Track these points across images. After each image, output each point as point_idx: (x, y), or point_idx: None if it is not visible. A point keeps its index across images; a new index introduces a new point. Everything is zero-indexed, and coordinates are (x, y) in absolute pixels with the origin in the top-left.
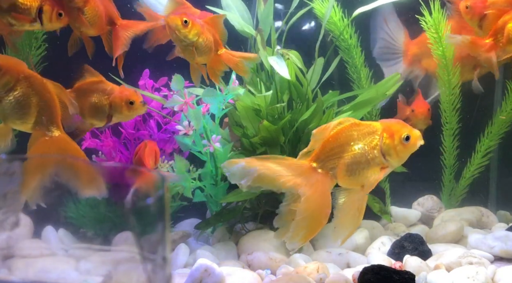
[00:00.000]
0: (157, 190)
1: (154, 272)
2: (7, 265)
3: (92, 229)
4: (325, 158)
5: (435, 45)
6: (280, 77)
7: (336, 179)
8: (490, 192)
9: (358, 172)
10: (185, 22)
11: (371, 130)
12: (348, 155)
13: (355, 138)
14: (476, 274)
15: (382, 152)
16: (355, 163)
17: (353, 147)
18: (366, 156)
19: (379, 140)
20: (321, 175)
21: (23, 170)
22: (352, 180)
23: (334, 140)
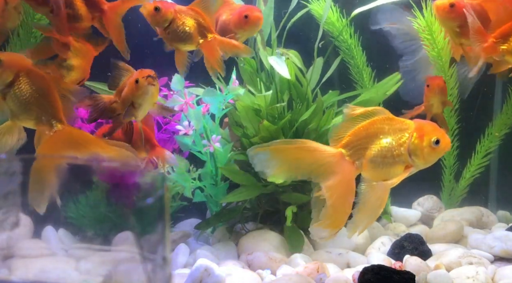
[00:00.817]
0: (157, 190)
1: (154, 272)
2: (7, 265)
3: (92, 229)
4: (354, 146)
5: (430, 47)
6: (280, 77)
7: (360, 169)
8: (490, 192)
9: (382, 165)
10: (156, 9)
11: (403, 127)
12: (376, 147)
13: (385, 132)
14: (476, 274)
15: (409, 151)
16: (381, 156)
17: (382, 139)
18: (392, 151)
19: (408, 138)
20: (348, 162)
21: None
22: (375, 172)
23: (365, 130)
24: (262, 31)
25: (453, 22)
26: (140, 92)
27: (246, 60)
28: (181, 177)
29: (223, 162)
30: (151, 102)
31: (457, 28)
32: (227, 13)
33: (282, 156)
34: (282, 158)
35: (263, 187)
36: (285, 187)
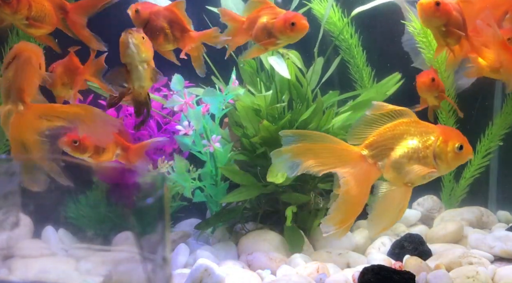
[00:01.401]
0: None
1: (154, 272)
2: (7, 265)
3: (92, 229)
4: (377, 147)
5: (426, 50)
6: (280, 77)
7: (382, 171)
8: (490, 192)
9: (406, 169)
10: (136, 11)
11: (428, 131)
12: (401, 148)
13: (412, 134)
14: (476, 274)
15: (434, 154)
16: (406, 158)
17: (408, 141)
18: (418, 153)
19: (434, 141)
20: (369, 164)
21: None
22: (398, 174)
23: (390, 131)
24: None
25: (439, 22)
26: (124, 48)
27: (246, 60)
28: (181, 177)
29: (223, 162)
30: (139, 59)
31: (443, 28)
32: (269, 16)
33: (304, 156)
34: (305, 158)
35: (263, 187)
36: (285, 187)
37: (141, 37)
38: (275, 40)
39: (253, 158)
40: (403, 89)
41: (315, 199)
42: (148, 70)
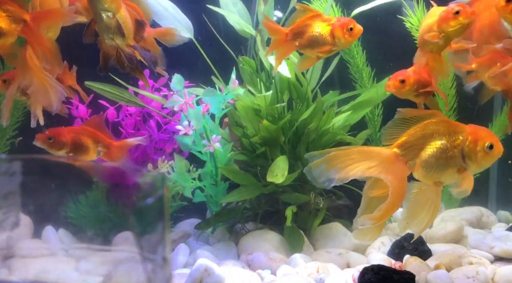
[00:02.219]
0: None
1: (154, 272)
2: (7, 265)
3: (92, 229)
4: (408, 147)
5: None
6: (280, 77)
7: (413, 169)
8: (490, 192)
9: (435, 167)
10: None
11: (458, 130)
12: (430, 147)
13: (440, 133)
14: (476, 274)
15: (462, 154)
16: (434, 157)
17: (436, 141)
18: (446, 153)
19: (462, 141)
20: (402, 162)
21: None
22: (427, 174)
23: (421, 131)
24: (262, 31)
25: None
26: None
27: (246, 60)
28: (181, 177)
29: (223, 162)
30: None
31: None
32: (321, 24)
33: (339, 163)
34: (340, 165)
35: (263, 187)
36: (285, 187)
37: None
38: (331, 47)
39: (253, 158)
40: None
41: (315, 199)
42: (114, 20)
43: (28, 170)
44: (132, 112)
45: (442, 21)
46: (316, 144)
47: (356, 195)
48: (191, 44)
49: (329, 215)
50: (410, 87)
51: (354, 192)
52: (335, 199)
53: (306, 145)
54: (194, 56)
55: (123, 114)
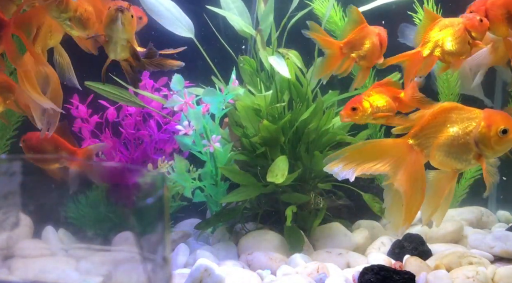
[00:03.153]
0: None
1: (154, 272)
2: (7, 265)
3: (92, 229)
4: (422, 136)
5: None
6: (280, 77)
7: (429, 158)
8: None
9: (450, 154)
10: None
11: (471, 116)
12: (443, 136)
13: (453, 121)
14: (476, 274)
15: (475, 140)
16: (447, 145)
17: (449, 129)
18: (458, 140)
19: (475, 127)
20: (416, 152)
21: None
22: (443, 161)
23: (433, 119)
24: (262, 31)
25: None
26: (107, 21)
27: (246, 60)
28: (181, 177)
29: (223, 162)
30: (121, 36)
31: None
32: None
33: (355, 161)
34: (356, 162)
35: (263, 187)
36: (285, 187)
37: (130, 17)
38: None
39: (253, 158)
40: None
41: (315, 199)
42: (127, 47)
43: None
44: (132, 112)
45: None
46: (316, 144)
47: (356, 195)
48: (191, 44)
49: (329, 215)
50: (363, 114)
51: (354, 192)
52: (335, 199)
53: (306, 145)
54: (194, 56)
55: (123, 114)
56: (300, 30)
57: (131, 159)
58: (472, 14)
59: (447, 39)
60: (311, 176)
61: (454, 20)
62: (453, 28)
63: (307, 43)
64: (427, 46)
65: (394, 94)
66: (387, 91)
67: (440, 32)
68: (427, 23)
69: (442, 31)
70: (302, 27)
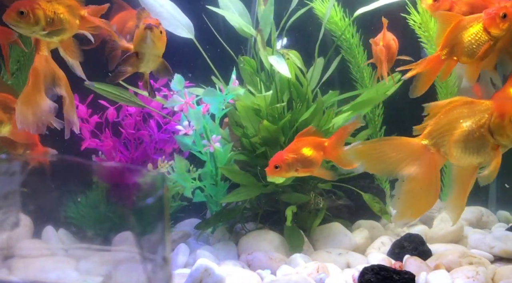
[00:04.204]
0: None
1: (154, 272)
2: (7, 265)
3: (92, 229)
4: (437, 135)
5: (428, 44)
6: (280, 77)
7: (447, 156)
8: (490, 192)
9: (467, 150)
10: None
11: (482, 109)
12: (457, 132)
13: (465, 116)
14: (476, 274)
15: (490, 131)
16: (464, 141)
17: (462, 124)
18: (473, 134)
19: (488, 119)
20: (432, 153)
21: None
22: (461, 157)
23: (446, 117)
24: (262, 31)
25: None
26: (139, 39)
27: (246, 60)
28: (181, 177)
29: (223, 162)
30: (153, 53)
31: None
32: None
33: (366, 155)
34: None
35: (263, 187)
36: (285, 187)
37: (159, 33)
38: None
39: (253, 158)
40: (403, 89)
41: (315, 199)
42: (157, 62)
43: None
44: (132, 112)
45: (491, 26)
46: None
47: (356, 195)
48: (191, 44)
49: (329, 215)
50: (286, 171)
51: (354, 192)
52: (335, 199)
53: None
54: (194, 56)
55: (123, 114)
56: (300, 30)
57: (131, 159)
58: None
59: (465, 41)
60: (311, 176)
61: (474, 19)
62: (471, 29)
63: (307, 43)
64: (446, 49)
65: (318, 143)
66: (310, 141)
67: (458, 34)
68: (443, 26)
69: (460, 33)
70: (302, 27)
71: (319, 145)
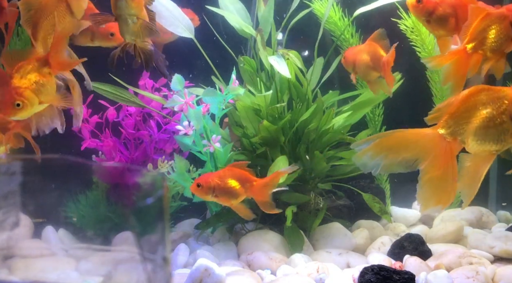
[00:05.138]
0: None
1: (154, 272)
2: (7, 265)
3: (92, 229)
4: (453, 123)
5: (421, 48)
6: (280, 77)
7: (464, 144)
8: (490, 192)
9: (487, 137)
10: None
11: (501, 95)
12: (477, 119)
13: (484, 103)
14: (476, 274)
15: (511, 117)
16: (484, 128)
17: (482, 111)
18: (494, 121)
19: (508, 105)
20: (449, 142)
21: None
22: (481, 145)
23: (463, 104)
24: (262, 31)
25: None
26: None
27: (246, 60)
28: (181, 177)
29: (223, 162)
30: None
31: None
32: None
33: (383, 150)
34: (384, 152)
35: None
36: None
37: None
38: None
39: (253, 158)
40: (403, 89)
41: (315, 199)
42: (138, 23)
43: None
44: (132, 112)
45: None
46: (316, 144)
47: (356, 195)
48: (191, 44)
49: (329, 215)
50: (206, 192)
51: (354, 192)
52: (335, 199)
53: (306, 145)
54: (194, 56)
55: (123, 114)
56: (300, 30)
57: (131, 159)
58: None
59: (489, 36)
60: (311, 176)
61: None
62: (498, 24)
63: (307, 43)
64: (472, 43)
65: (247, 179)
66: (240, 175)
67: (484, 28)
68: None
69: (486, 27)
70: (302, 27)
71: (247, 182)
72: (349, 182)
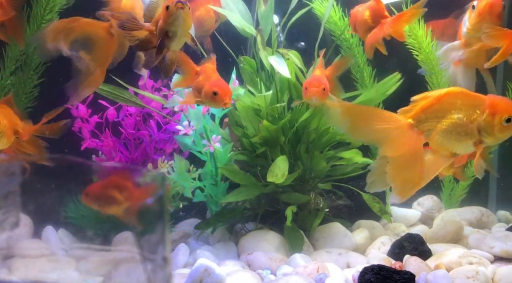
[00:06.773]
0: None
1: (154, 272)
2: (7, 265)
3: (92, 229)
4: (424, 119)
5: (418, 51)
6: (280, 77)
7: (428, 140)
8: (490, 192)
9: (451, 140)
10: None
11: (476, 103)
12: (446, 121)
13: (457, 107)
14: (476, 274)
15: (478, 128)
16: (450, 132)
17: (453, 115)
18: (462, 127)
19: (479, 115)
20: (416, 133)
21: None
22: (443, 145)
23: (438, 103)
24: (262, 31)
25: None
26: (171, 19)
27: (246, 60)
28: (181, 177)
29: (223, 162)
30: (184, 29)
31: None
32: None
33: (353, 115)
34: (353, 117)
35: (263, 187)
36: (285, 187)
37: (188, 10)
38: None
39: (253, 158)
40: (403, 89)
41: (315, 199)
42: (187, 37)
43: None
44: (132, 112)
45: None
46: (316, 144)
47: (356, 195)
48: None
49: (329, 215)
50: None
51: (354, 192)
52: (335, 199)
53: (306, 145)
54: (194, 56)
55: (123, 114)
56: (300, 30)
57: (131, 159)
58: None
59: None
60: (311, 176)
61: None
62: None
63: (307, 43)
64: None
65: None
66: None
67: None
68: None
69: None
70: (302, 27)
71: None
72: (349, 182)
